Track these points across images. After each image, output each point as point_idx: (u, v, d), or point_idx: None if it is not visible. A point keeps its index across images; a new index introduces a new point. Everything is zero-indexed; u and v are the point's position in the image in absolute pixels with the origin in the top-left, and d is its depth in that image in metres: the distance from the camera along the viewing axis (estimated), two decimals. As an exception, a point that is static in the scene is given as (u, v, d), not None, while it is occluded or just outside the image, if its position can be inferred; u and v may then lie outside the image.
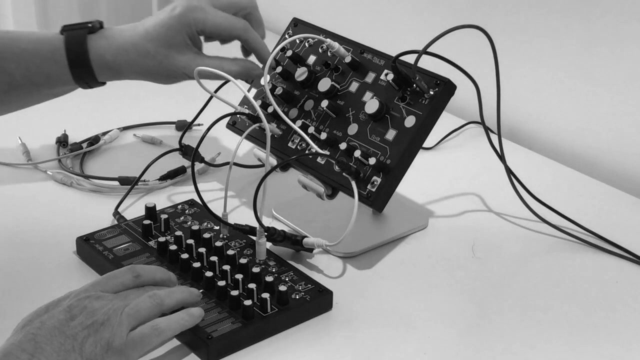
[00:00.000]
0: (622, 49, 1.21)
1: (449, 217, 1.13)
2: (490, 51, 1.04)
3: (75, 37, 1.06)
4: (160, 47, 1.05)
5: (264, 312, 0.91)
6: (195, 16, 1.05)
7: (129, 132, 1.31)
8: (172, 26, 1.05)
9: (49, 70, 1.06)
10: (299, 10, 1.51)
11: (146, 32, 1.06)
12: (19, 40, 1.06)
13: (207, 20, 1.05)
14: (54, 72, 1.06)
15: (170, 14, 1.05)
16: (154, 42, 1.05)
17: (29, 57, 1.05)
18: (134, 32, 1.06)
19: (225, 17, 1.06)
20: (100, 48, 1.06)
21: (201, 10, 1.05)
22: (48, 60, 1.06)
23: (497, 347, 0.91)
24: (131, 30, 1.07)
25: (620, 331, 0.94)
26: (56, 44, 1.06)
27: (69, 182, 1.16)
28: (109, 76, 1.08)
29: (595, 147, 1.28)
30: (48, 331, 0.78)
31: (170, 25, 1.05)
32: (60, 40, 1.06)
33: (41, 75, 1.06)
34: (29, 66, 1.06)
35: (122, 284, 0.86)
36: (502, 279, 1.02)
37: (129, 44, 1.05)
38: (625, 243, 1.07)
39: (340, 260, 1.03)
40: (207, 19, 1.05)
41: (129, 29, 1.07)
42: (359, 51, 1.08)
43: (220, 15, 1.06)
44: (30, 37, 1.07)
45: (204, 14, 1.05)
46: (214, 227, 1.05)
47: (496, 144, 1.09)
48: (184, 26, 1.05)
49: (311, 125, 1.06)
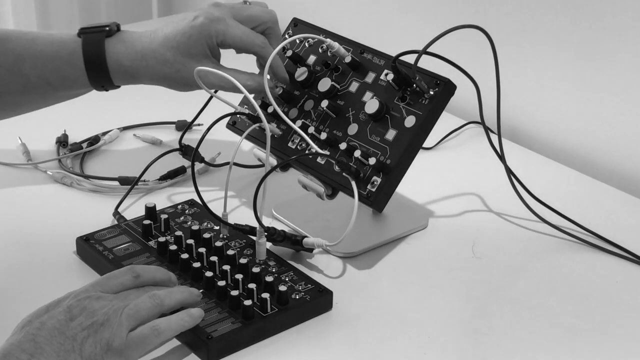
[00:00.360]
0: (623, 49, 1.21)
1: (449, 217, 1.13)
2: (490, 51, 1.03)
3: (92, 40, 1.05)
4: (179, 56, 1.05)
5: (264, 312, 0.91)
6: (217, 28, 1.04)
7: (129, 132, 1.31)
8: (193, 36, 1.04)
9: (66, 73, 1.06)
10: (299, 10, 1.51)
11: (166, 39, 1.05)
12: (36, 42, 1.06)
13: (228, 33, 1.04)
14: (70, 75, 1.06)
15: (191, 24, 1.05)
16: (174, 50, 1.05)
17: (46, 59, 1.05)
18: (153, 37, 1.06)
19: (245, 31, 1.05)
20: (118, 53, 1.05)
21: (222, 22, 1.04)
22: (65, 63, 1.06)
23: (497, 347, 0.91)
24: (150, 35, 1.06)
25: (620, 331, 0.94)
26: (73, 47, 1.06)
27: (69, 182, 1.16)
28: (125, 80, 1.08)
29: (596, 147, 1.28)
30: (48, 331, 0.78)
31: (191, 34, 1.04)
32: (77, 44, 1.06)
33: (57, 78, 1.06)
34: (45, 68, 1.06)
35: (122, 285, 0.86)
36: (502, 279, 1.02)
37: (148, 50, 1.05)
38: (625, 243, 1.07)
39: (340, 260, 1.03)
40: (228, 31, 1.04)
41: (147, 35, 1.06)
42: (359, 51, 1.08)
43: (240, 29, 1.05)
44: (48, 39, 1.06)
45: (224, 26, 1.04)
46: (214, 227, 1.05)
47: (496, 144, 1.09)
48: (205, 37, 1.04)
49: (311, 125, 1.06)
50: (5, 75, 1.06)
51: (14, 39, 1.06)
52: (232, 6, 1.07)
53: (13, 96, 1.07)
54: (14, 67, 1.05)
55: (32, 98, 1.09)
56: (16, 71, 1.05)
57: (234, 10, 1.07)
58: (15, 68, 1.05)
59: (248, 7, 1.08)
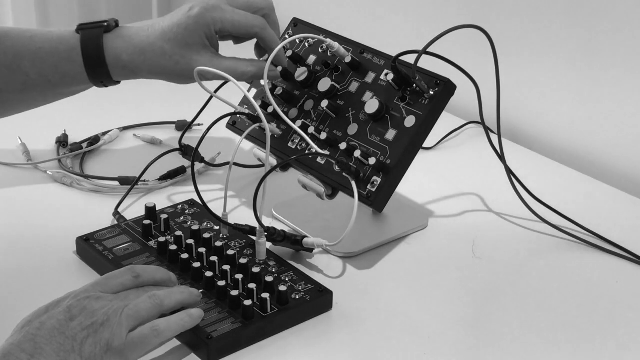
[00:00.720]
0: (623, 49, 1.21)
1: (449, 217, 1.13)
2: (490, 51, 1.03)
3: (91, 36, 1.05)
4: (177, 48, 1.05)
5: (264, 312, 0.91)
6: (214, 16, 1.04)
7: (129, 132, 1.31)
8: (190, 26, 1.04)
9: (65, 69, 1.06)
10: (299, 10, 1.51)
11: (163, 32, 1.05)
12: (35, 40, 1.06)
13: (225, 19, 1.04)
14: (69, 72, 1.06)
15: (187, 14, 1.05)
16: (171, 42, 1.04)
17: (45, 57, 1.05)
18: (150, 31, 1.06)
19: (243, 14, 1.05)
20: (117, 48, 1.05)
21: (219, 9, 1.04)
22: (64, 59, 1.05)
23: (497, 347, 0.91)
24: (147, 29, 1.06)
25: (620, 331, 0.94)
26: (72, 43, 1.05)
27: (69, 182, 1.16)
28: (125, 75, 1.08)
29: (596, 147, 1.28)
30: (47, 332, 0.78)
31: (187, 25, 1.04)
32: (76, 40, 1.06)
33: (57, 75, 1.06)
34: (44, 65, 1.05)
35: (121, 285, 0.86)
36: (502, 279, 1.02)
37: (146, 44, 1.05)
38: (625, 243, 1.07)
39: (340, 260, 1.03)
40: (225, 17, 1.04)
41: (145, 29, 1.06)
42: (359, 51, 1.08)
43: (238, 13, 1.05)
44: (46, 36, 1.06)
45: (221, 13, 1.04)
46: (214, 227, 1.05)
47: (496, 144, 1.09)
48: (202, 26, 1.04)
49: (311, 125, 1.06)
50: (5, 73, 1.06)
51: (12, 36, 1.06)
52: None
53: (13, 94, 1.07)
54: (13, 64, 1.05)
55: (32, 96, 1.08)
56: (15, 69, 1.05)
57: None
58: (14, 66, 1.05)
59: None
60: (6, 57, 1.05)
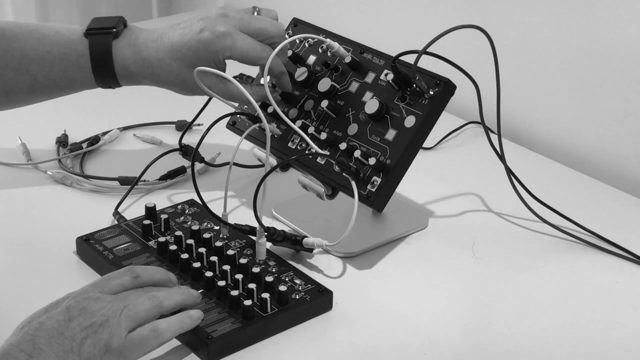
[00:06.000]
0: (623, 49, 1.21)
1: (449, 217, 1.13)
2: (490, 51, 1.03)
3: (100, 43, 1.05)
4: (185, 67, 1.04)
5: (264, 312, 0.91)
6: (223, 45, 1.03)
7: (129, 132, 1.31)
8: (199, 51, 1.04)
9: (73, 75, 1.06)
10: (299, 10, 1.52)
11: (172, 48, 1.04)
12: (43, 42, 1.06)
13: (234, 48, 1.03)
14: (78, 77, 1.07)
15: (197, 37, 1.03)
16: (179, 62, 1.04)
17: (54, 61, 1.06)
18: (159, 43, 1.05)
19: (251, 45, 1.04)
20: (125, 59, 1.05)
21: (229, 37, 1.03)
22: (72, 65, 1.06)
23: (497, 347, 0.91)
24: (156, 40, 1.06)
25: (620, 331, 0.94)
26: (80, 49, 1.06)
27: (69, 182, 1.16)
28: (130, 83, 1.09)
29: (595, 147, 1.28)
30: (47, 332, 0.78)
31: (197, 49, 1.04)
32: (84, 46, 1.06)
33: (65, 79, 1.07)
34: (53, 70, 1.06)
35: (121, 285, 0.86)
36: (502, 279, 1.02)
37: (154, 59, 1.05)
38: (625, 243, 1.06)
39: (340, 260, 1.03)
40: (235, 47, 1.03)
41: (154, 39, 1.06)
42: (359, 51, 1.08)
43: (247, 43, 1.04)
44: (55, 39, 1.06)
45: (231, 41, 1.03)
46: (214, 227, 1.05)
47: (496, 144, 1.09)
48: (211, 53, 1.03)
49: (311, 125, 1.06)
50: (13, 75, 1.06)
51: (21, 38, 1.06)
52: (240, 17, 1.05)
53: (20, 95, 1.08)
54: (21, 67, 1.06)
55: (39, 97, 1.10)
56: (23, 72, 1.06)
57: (242, 22, 1.05)
58: (22, 68, 1.06)
59: (257, 20, 1.06)
60: (14, 60, 1.06)
